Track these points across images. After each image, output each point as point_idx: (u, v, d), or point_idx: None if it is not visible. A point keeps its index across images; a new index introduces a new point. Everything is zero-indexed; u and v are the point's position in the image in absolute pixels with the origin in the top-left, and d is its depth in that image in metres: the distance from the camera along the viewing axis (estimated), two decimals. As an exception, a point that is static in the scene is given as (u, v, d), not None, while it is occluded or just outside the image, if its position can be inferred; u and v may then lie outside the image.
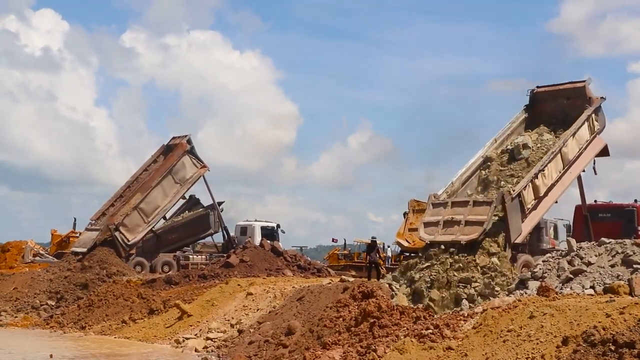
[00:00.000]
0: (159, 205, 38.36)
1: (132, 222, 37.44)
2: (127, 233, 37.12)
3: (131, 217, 37.41)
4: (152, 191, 38.09)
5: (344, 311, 19.00)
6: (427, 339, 15.86)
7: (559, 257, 19.32)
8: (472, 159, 25.93)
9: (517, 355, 13.30)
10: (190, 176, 39.31)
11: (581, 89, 27.02)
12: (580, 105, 26.68)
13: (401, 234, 29.79)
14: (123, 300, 28.64)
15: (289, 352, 18.75)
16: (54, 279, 34.24)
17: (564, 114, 27.20)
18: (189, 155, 39.32)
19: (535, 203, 23.85)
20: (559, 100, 27.69)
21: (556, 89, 27.92)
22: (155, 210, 38.25)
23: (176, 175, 38.87)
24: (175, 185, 38.87)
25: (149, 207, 37.98)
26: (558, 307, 14.19)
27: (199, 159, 39.81)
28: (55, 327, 28.27)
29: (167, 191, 38.62)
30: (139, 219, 37.70)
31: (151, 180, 38.49)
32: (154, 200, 38.13)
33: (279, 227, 43.97)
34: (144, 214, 37.80)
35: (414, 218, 30.18)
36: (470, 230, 21.98)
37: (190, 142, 39.62)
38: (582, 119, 25.83)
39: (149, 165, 40.59)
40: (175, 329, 24.42)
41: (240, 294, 25.48)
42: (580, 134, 25.76)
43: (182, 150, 39.14)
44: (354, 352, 16.44)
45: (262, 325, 21.79)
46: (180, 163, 39.01)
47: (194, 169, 39.41)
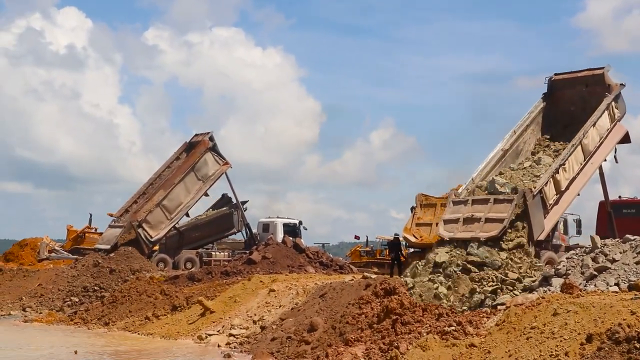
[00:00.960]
0: (182, 202, 38.45)
1: (155, 219, 37.58)
2: (150, 230, 37.30)
3: (154, 214, 37.56)
4: (174, 188, 38.21)
5: (366, 308, 18.99)
6: (449, 336, 15.82)
7: (582, 254, 19.18)
8: (491, 153, 25.67)
9: (540, 352, 13.24)
10: (213, 173, 39.39)
11: (600, 76, 26.64)
12: (599, 92, 26.32)
13: (408, 229, 29.35)
14: (146, 297, 28.79)
15: (311, 349, 18.77)
16: (77, 275, 34.46)
17: (583, 101, 26.88)
18: (211, 152, 39.42)
19: (557, 198, 23.63)
20: (577, 88, 27.36)
21: (574, 76, 27.55)
22: (178, 207, 38.35)
23: (198, 172, 38.96)
24: (197, 182, 38.94)
25: (171, 204, 38.11)
26: (582, 304, 14.11)
27: (221, 156, 39.92)
28: (80, 323, 28.47)
29: (190, 188, 38.71)
30: (161, 215, 37.85)
31: (174, 178, 38.61)
32: (176, 197, 38.23)
33: (301, 223, 44.04)
34: (167, 210, 37.95)
35: (421, 213, 29.78)
36: (490, 227, 21.77)
37: (213, 139, 39.72)
38: (602, 108, 25.44)
39: (172, 162, 40.71)
40: (198, 325, 24.51)
41: (263, 290, 25.53)
42: (601, 123, 25.38)
43: (204, 147, 39.23)
44: (376, 348, 16.44)
45: (285, 322, 21.82)
46: (203, 160, 39.10)
47: (217, 166, 39.51)
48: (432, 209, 29.60)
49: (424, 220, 29.42)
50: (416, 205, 29.97)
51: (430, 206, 29.64)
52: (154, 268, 36.05)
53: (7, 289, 35.33)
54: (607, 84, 26.30)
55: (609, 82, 26.36)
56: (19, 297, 33.91)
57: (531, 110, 27.27)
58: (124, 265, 34.99)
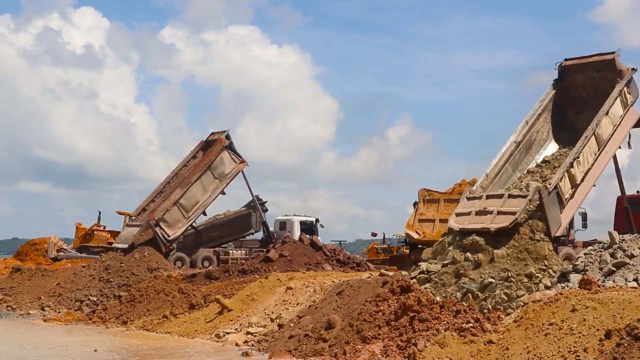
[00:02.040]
0: (199, 201, 38.57)
1: (172, 218, 37.72)
2: (168, 228, 37.44)
3: (171, 212, 37.69)
4: (191, 187, 38.33)
5: (383, 305, 18.98)
6: (467, 333, 15.82)
7: (601, 250, 19.12)
8: (504, 147, 25.45)
9: (559, 348, 13.20)
10: (229, 171, 39.49)
11: (610, 61, 26.28)
12: (610, 77, 25.98)
13: (411, 225, 29.16)
14: (164, 296, 28.89)
15: (329, 347, 18.77)
16: (95, 274, 34.65)
17: (594, 87, 26.56)
18: (228, 150, 39.51)
19: (572, 192, 23.45)
20: (588, 73, 27.01)
21: (585, 61, 27.17)
22: (195, 205, 38.48)
23: (215, 171, 39.08)
24: (214, 181, 39.06)
25: (188, 202, 38.24)
26: (600, 300, 14.06)
27: (238, 154, 40.01)
28: (98, 322, 28.61)
29: (207, 186, 38.82)
30: (179, 214, 37.98)
31: (191, 176, 38.72)
32: (193, 196, 38.36)
33: (318, 221, 44.11)
34: (184, 209, 38.09)
35: (424, 208, 29.61)
36: (502, 219, 21.56)
37: (229, 137, 39.80)
38: (614, 95, 25.04)
39: (189, 161, 40.82)
40: (216, 324, 24.56)
41: (280, 288, 25.57)
42: (613, 111, 24.99)
43: (220, 145, 39.34)
44: (394, 346, 16.44)
45: (302, 320, 21.84)
46: (219, 158, 39.20)
47: (233, 164, 39.61)
48: (435, 204, 29.48)
49: (427, 216, 29.27)
50: (419, 201, 29.81)
51: (433, 202, 29.50)
52: (171, 267, 36.19)
53: (26, 289, 35.56)
54: (618, 69, 25.92)
55: (620, 68, 25.97)
56: (37, 297, 34.11)
57: (542, 98, 26.93)
58: (141, 264, 35.16)
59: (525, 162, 25.94)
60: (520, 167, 25.70)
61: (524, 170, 25.69)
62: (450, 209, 27.59)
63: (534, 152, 26.38)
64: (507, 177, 25.15)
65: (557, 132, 26.95)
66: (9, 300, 34.53)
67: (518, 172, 25.57)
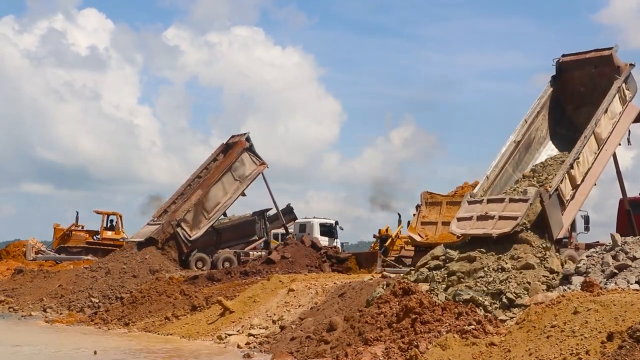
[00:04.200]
0: (219, 202, 39.13)
1: (193, 219, 38.19)
2: (189, 229, 37.93)
3: (192, 213, 38.19)
4: (212, 188, 38.87)
5: (385, 307, 18.96)
6: (469, 335, 15.79)
7: (603, 252, 19.10)
8: (503, 147, 25.33)
9: (561, 351, 13.18)
10: (250, 173, 40.00)
11: (608, 57, 26.03)
12: (608, 73, 25.72)
13: (413, 227, 29.17)
14: (166, 297, 28.89)
15: (330, 348, 18.76)
16: (97, 276, 34.66)
17: (593, 82, 26.38)
18: (248, 152, 39.99)
19: (573, 193, 23.37)
20: (586, 69, 26.79)
21: (582, 57, 26.94)
22: (216, 206, 39.03)
23: (235, 172, 39.59)
24: (234, 182, 39.61)
25: (209, 203, 38.77)
26: (603, 302, 14.04)
27: (258, 156, 40.49)
28: (100, 323, 28.61)
29: (227, 188, 39.37)
30: (200, 215, 38.51)
31: (211, 178, 39.28)
32: (214, 197, 38.90)
33: (337, 223, 44.47)
34: (205, 210, 38.64)
35: (426, 211, 29.58)
36: (503, 225, 21.52)
37: (249, 139, 40.25)
38: (612, 92, 24.81)
39: (209, 163, 41.33)
40: (218, 325, 24.57)
41: (282, 290, 25.57)
42: (612, 108, 24.76)
43: (241, 147, 39.80)
44: (395, 348, 16.42)
45: (304, 321, 21.84)
46: (240, 160, 39.69)
47: (253, 166, 40.10)
48: (438, 207, 29.40)
49: (429, 219, 29.20)
50: (421, 203, 29.78)
51: (436, 204, 29.42)
52: (174, 268, 36.20)
53: (28, 290, 35.64)
54: (616, 65, 25.73)
55: (618, 63, 25.76)
56: (39, 298, 34.16)
57: (540, 95, 26.75)
58: (143, 266, 35.19)
59: (526, 161, 25.81)
60: (520, 166, 25.60)
61: (524, 170, 25.62)
62: (453, 211, 27.54)
63: (534, 150, 26.26)
64: (508, 178, 25.06)
65: (557, 129, 26.87)
66: (11, 302, 34.59)
67: (518, 172, 25.48)
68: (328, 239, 43.55)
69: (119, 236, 47.56)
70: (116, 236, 47.55)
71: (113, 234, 47.61)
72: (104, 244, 47.02)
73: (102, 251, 46.15)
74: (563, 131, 26.74)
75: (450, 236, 25.85)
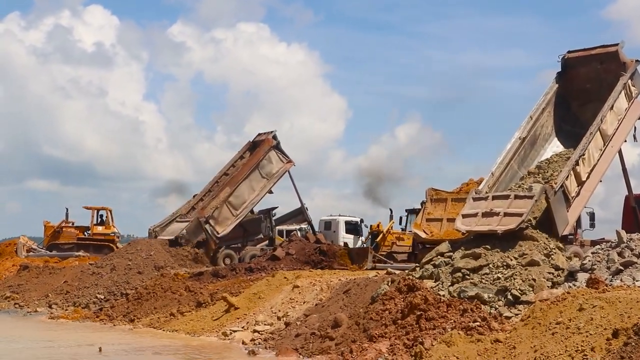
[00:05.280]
0: (247, 199, 39.55)
1: (221, 216, 38.64)
2: (217, 226, 38.34)
3: (220, 210, 38.60)
4: (240, 185, 39.29)
5: (390, 304, 18.96)
6: (474, 332, 15.81)
7: (608, 249, 19.07)
8: (509, 144, 25.27)
9: (566, 347, 13.16)
10: (277, 171, 40.42)
11: (614, 53, 25.88)
12: (614, 69, 25.55)
13: (418, 224, 29.17)
14: (171, 293, 28.94)
15: (335, 345, 18.77)
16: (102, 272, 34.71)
17: (599, 79, 26.26)
18: (275, 150, 40.41)
19: (578, 189, 23.32)
20: (592, 65, 26.64)
21: (588, 53, 26.78)
22: (244, 203, 39.44)
23: (263, 170, 40.02)
24: (262, 180, 40.02)
25: (237, 200, 39.20)
26: (608, 299, 14.02)
27: (285, 154, 40.92)
28: (105, 320, 28.67)
29: (254, 185, 39.80)
30: (227, 212, 38.91)
31: (239, 175, 39.71)
32: (242, 195, 39.34)
33: (362, 221, 44.66)
34: (233, 207, 39.06)
35: (432, 208, 29.57)
36: (508, 221, 21.45)
37: (276, 137, 40.66)
38: (618, 89, 24.64)
39: (236, 161, 41.71)
40: (223, 322, 24.59)
41: (287, 286, 25.57)
42: (618, 104, 24.61)
43: (268, 145, 40.19)
44: (400, 344, 16.43)
45: (309, 318, 21.84)
46: (267, 158, 40.13)
47: (280, 164, 40.51)
48: (443, 203, 29.41)
49: (434, 216, 29.19)
50: (426, 200, 29.78)
51: (441, 201, 29.42)
52: (179, 265, 36.23)
53: (34, 286, 35.71)
54: (622, 61, 25.60)
55: (624, 60, 25.63)
56: (45, 294, 34.23)
57: (546, 92, 26.66)
58: (148, 262, 35.23)
59: (531, 157, 25.72)
60: (525, 163, 25.53)
61: (529, 166, 25.57)
62: (458, 208, 27.50)
63: (539, 147, 26.17)
64: (513, 174, 24.98)
65: (562, 125, 26.81)
66: (16, 298, 34.67)
67: (524, 168, 25.42)
68: (353, 237, 43.79)
69: (110, 231, 47.57)
70: (107, 231, 47.52)
71: (104, 229, 47.56)
72: (95, 239, 47.05)
73: (93, 247, 46.27)
74: (568, 128, 26.66)
75: (455, 233, 25.80)
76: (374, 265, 31.41)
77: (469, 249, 21.21)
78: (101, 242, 46.54)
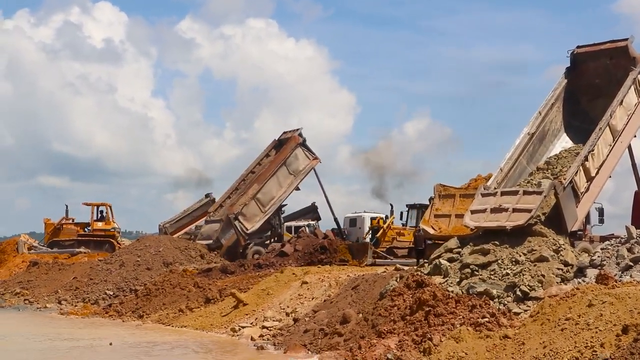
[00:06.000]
0: (274, 196, 39.84)
1: (250, 212, 38.89)
2: (246, 222, 38.58)
3: (249, 207, 38.86)
4: (268, 182, 39.61)
5: (398, 300, 18.94)
6: (483, 328, 15.76)
7: (618, 245, 18.99)
8: (517, 139, 25.18)
9: (575, 343, 13.12)
10: (303, 168, 40.70)
11: (624, 48, 25.76)
12: (624, 64, 25.47)
13: (426, 220, 29.06)
14: (180, 290, 28.98)
15: (344, 341, 18.76)
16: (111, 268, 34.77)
17: (608, 74, 26.13)
18: (302, 147, 40.70)
19: (587, 185, 23.22)
20: (601, 60, 26.55)
21: (597, 48, 26.68)
22: (271, 200, 39.71)
23: (290, 167, 40.31)
24: (289, 177, 40.31)
25: (265, 197, 39.47)
26: (617, 295, 13.97)
27: (311, 151, 41.19)
28: (114, 315, 28.74)
29: (282, 182, 40.10)
30: (256, 208, 39.15)
31: (267, 172, 40.02)
32: (269, 191, 39.63)
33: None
34: (261, 203, 39.31)
35: (440, 204, 29.47)
36: (517, 217, 21.39)
37: (302, 135, 40.93)
38: (628, 84, 24.55)
39: (262, 159, 42.17)
40: (231, 318, 24.62)
41: (296, 282, 25.58)
42: (627, 100, 24.48)
43: (295, 143, 40.51)
44: (409, 340, 16.40)
45: (317, 314, 21.85)
46: (294, 155, 40.44)
47: (307, 161, 40.79)
48: (451, 199, 29.30)
49: (443, 212, 29.09)
50: (434, 196, 29.71)
51: (449, 197, 29.32)
52: (187, 261, 36.27)
53: (43, 282, 35.84)
54: (631, 56, 25.48)
55: (633, 55, 25.49)
56: (54, 290, 34.35)
57: (555, 87, 26.55)
58: (156, 258, 35.28)
59: (540, 153, 25.64)
60: (534, 158, 25.46)
61: (538, 162, 25.49)
62: (466, 204, 27.43)
63: (548, 142, 26.10)
64: (522, 170, 24.91)
65: (571, 121, 26.70)
66: (26, 294, 34.79)
67: (532, 164, 25.34)
68: None
69: (110, 226, 47.58)
70: (107, 227, 47.49)
71: (104, 225, 47.56)
72: (96, 235, 47.14)
73: (94, 243, 46.36)
74: (577, 123, 26.55)
75: (464, 229, 25.73)
76: (373, 261, 31.42)
77: (477, 245, 21.17)
78: (102, 238, 46.63)
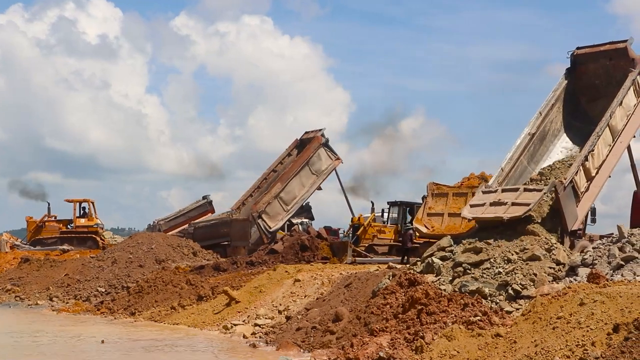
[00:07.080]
0: (297, 195, 40.26)
1: (273, 211, 39.24)
2: (269, 220, 38.90)
3: (272, 205, 39.19)
4: (291, 181, 39.98)
5: (391, 298, 18.98)
6: (475, 326, 15.79)
7: (609, 244, 19.06)
8: (518, 139, 25.33)
9: (566, 342, 13.17)
10: (326, 168, 41.15)
11: (623, 50, 25.92)
12: (623, 65, 25.62)
13: (419, 219, 29.09)
14: (172, 287, 28.96)
15: (336, 339, 18.79)
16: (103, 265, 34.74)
17: (607, 75, 26.32)
18: (324, 147, 41.10)
19: (587, 184, 23.36)
20: (600, 61, 26.70)
21: (597, 50, 26.84)
22: (294, 199, 40.15)
23: (312, 167, 40.79)
24: (311, 176, 40.78)
25: (288, 196, 39.87)
26: (609, 294, 14.02)
27: (334, 151, 41.56)
28: (106, 313, 28.70)
29: (305, 182, 40.54)
30: (279, 207, 39.53)
31: (290, 171, 40.41)
32: (292, 190, 40.05)
33: None
34: (284, 202, 39.69)
35: (432, 202, 29.53)
36: (515, 210, 21.49)
37: (325, 135, 41.23)
38: (627, 85, 24.69)
39: (284, 158, 42.57)
40: (224, 315, 24.62)
41: (288, 280, 25.59)
42: (627, 101, 24.62)
43: (317, 143, 40.89)
44: (401, 338, 16.42)
45: (310, 312, 21.86)
46: (317, 155, 40.89)
47: (329, 161, 41.25)
48: (444, 198, 29.34)
49: (436, 210, 29.14)
50: (427, 195, 29.75)
51: (442, 195, 29.35)
52: (180, 258, 36.27)
53: (35, 279, 35.75)
54: (631, 58, 25.64)
55: (632, 56, 25.65)
56: (46, 287, 34.27)
57: (555, 88, 26.71)
58: (149, 255, 35.28)
59: (540, 153, 25.81)
60: (535, 158, 25.61)
61: (538, 162, 25.63)
62: (459, 202, 27.54)
63: (549, 142, 26.25)
64: (523, 170, 25.07)
65: (571, 121, 26.84)
66: (17, 291, 34.70)
67: (533, 164, 25.50)
68: None
69: (93, 222, 47.48)
70: (89, 223, 47.40)
71: (86, 221, 47.49)
72: (78, 232, 47.05)
73: (77, 239, 46.28)
74: (578, 124, 26.70)
75: (457, 227, 25.80)
76: (353, 259, 31.42)
77: (470, 244, 21.24)
78: (85, 235, 46.55)
